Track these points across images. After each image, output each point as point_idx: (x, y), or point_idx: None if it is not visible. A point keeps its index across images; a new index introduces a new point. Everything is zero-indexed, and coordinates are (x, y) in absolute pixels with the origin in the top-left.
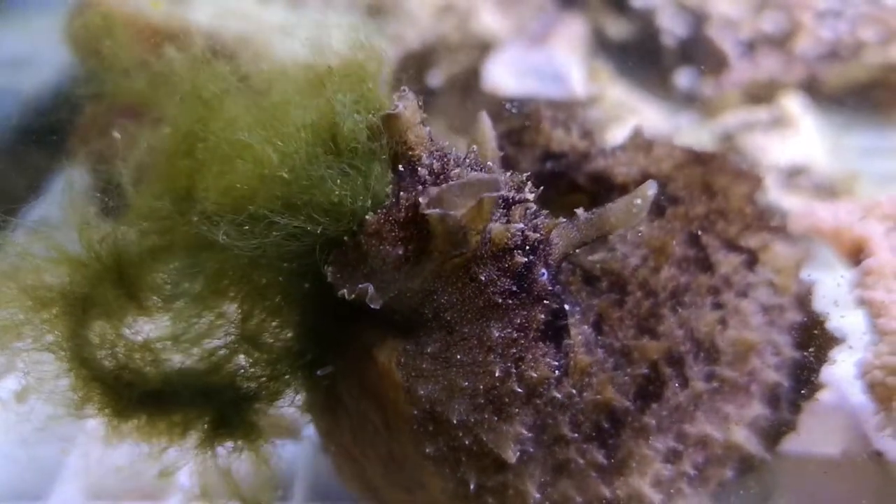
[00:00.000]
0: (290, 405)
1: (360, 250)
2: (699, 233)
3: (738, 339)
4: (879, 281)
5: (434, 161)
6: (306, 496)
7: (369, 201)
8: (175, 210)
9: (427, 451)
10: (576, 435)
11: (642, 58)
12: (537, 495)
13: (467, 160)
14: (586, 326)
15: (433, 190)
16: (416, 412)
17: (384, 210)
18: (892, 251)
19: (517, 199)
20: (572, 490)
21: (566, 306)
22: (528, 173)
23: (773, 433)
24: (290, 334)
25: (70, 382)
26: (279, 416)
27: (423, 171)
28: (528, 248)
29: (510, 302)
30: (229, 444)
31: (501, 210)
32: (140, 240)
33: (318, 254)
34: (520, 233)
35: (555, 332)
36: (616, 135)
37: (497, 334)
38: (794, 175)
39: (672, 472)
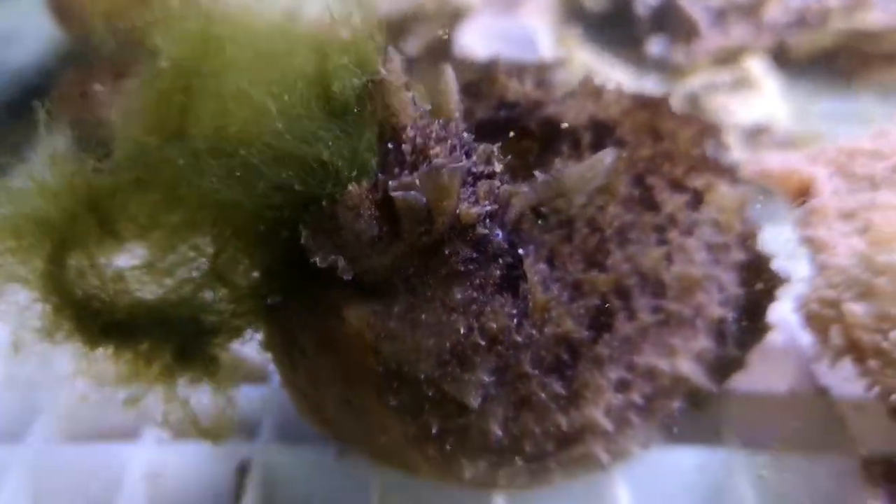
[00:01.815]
0: (253, 344)
1: (335, 220)
2: (645, 174)
3: (683, 275)
4: (822, 220)
5: (417, 134)
6: (272, 437)
7: (355, 170)
8: (163, 144)
9: (390, 403)
10: (537, 371)
11: (618, 27)
12: (499, 433)
13: (447, 135)
14: (541, 264)
15: (405, 177)
16: (381, 370)
17: (365, 187)
18: (834, 193)
19: (485, 172)
20: (532, 422)
21: (520, 251)
22: (499, 144)
23: (721, 368)
24: (257, 275)
25: (41, 310)
26: (246, 360)
27: (406, 148)
28: (488, 220)
29: (471, 268)
30: (190, 375)
31: (470, 185)
32: (120, 171)
33: (298, 210)
34: (485, 211)
35: (511, 281)
36: None
37: (459, 296)
38: (756, 134)
39: (622, 401)
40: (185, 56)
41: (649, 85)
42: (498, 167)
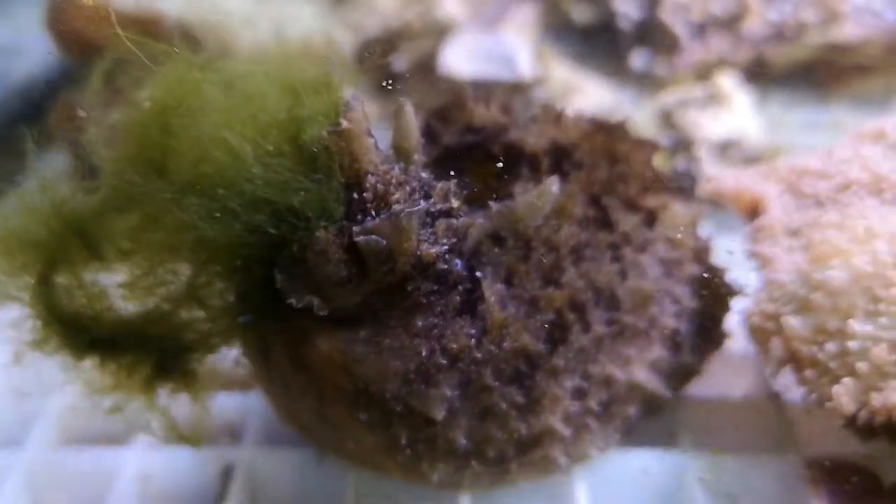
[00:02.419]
0: (230, 358)
1: (306, 264)
2: (601, 195)
3: (636, 289)
4: (769, 237)
5: (378, 181)
6: (255, 440)
7: (323, 220)
8: (144, 177)
9: (360, 417)
10: (497, 383)
11: (601, 41)
12: (464, 441)
13: (406, 178)
14: (499, 284)
15: (368, 223)
16: (350, 388)
17: (332, 232)
18: (783, 210)
19: (442, 209)
20: (494, 430)
21: (479, 273)
22: (456, 181)
23: (677, 376)
24: (232, 298)
25: (33, 324)
26: (227, 370)
27: (368, 196)
28: (447, 254)
29: (432, 298)
30: (169, 386)
31: (428, 225)
32: (105, 201)
33: (271, 249)
34: (444, 250)
35: (470, 304)
36: None
37: (420, 324)
38: (726, 148)
39: (579, 408)
40: (165, 96)
41: (628, 99)
42: (455, 203)
